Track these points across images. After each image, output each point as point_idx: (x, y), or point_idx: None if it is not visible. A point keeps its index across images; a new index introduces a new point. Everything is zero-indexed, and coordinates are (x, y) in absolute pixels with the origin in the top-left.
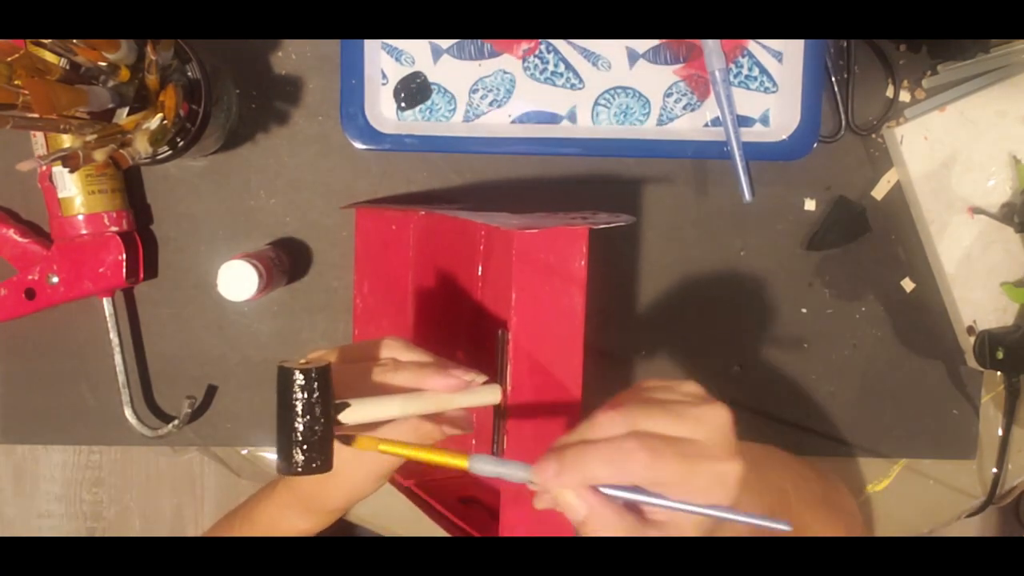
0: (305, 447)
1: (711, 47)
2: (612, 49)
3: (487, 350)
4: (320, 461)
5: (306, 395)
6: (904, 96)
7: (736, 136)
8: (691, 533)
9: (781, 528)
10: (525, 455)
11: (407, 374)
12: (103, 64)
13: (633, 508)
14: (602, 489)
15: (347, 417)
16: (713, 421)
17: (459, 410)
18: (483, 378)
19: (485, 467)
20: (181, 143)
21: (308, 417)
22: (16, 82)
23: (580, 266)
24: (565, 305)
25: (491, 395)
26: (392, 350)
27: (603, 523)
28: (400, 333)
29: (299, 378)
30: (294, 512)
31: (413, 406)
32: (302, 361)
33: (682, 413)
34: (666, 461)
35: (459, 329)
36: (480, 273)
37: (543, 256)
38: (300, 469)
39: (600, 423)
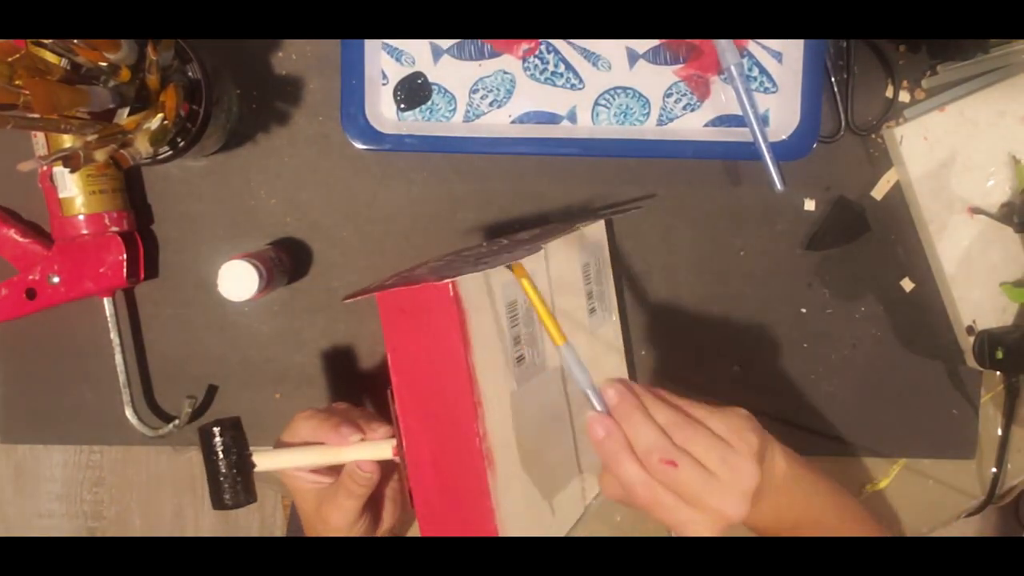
0: (228, 486)
1: (724, 44)
2: (612, 49)
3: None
4: (244, 496)
5: (223, 444)
6: (904, 96)
7: (760, 127)
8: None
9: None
10: (431, 504)
11: (308, 429)
12: (104, 64)
13: None
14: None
15: (259, 465)
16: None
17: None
18: (378, 433)
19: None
20: (182, 143)
21: (227, 460)
22: (17, 82)
23: (451, 319)
24: (445, 354)
25: (383, 450)
26: (318, 412)
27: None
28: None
29: (216, 431)
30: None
31: (311, 458)
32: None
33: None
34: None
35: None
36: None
37: (408, 313)
38: (230, 504)
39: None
